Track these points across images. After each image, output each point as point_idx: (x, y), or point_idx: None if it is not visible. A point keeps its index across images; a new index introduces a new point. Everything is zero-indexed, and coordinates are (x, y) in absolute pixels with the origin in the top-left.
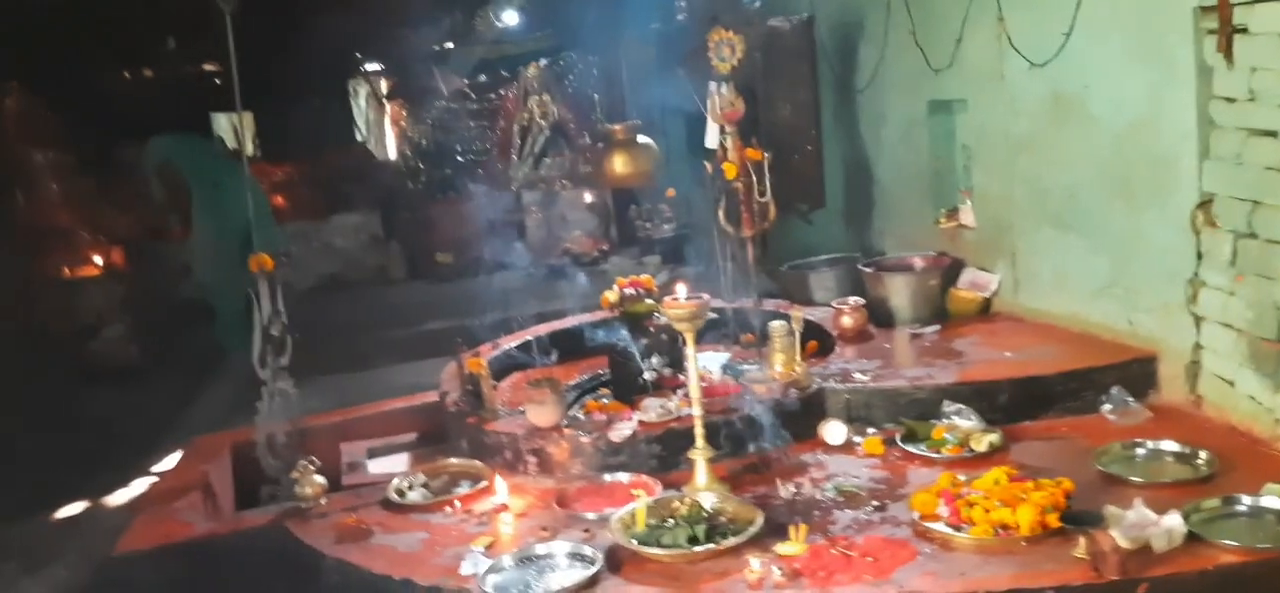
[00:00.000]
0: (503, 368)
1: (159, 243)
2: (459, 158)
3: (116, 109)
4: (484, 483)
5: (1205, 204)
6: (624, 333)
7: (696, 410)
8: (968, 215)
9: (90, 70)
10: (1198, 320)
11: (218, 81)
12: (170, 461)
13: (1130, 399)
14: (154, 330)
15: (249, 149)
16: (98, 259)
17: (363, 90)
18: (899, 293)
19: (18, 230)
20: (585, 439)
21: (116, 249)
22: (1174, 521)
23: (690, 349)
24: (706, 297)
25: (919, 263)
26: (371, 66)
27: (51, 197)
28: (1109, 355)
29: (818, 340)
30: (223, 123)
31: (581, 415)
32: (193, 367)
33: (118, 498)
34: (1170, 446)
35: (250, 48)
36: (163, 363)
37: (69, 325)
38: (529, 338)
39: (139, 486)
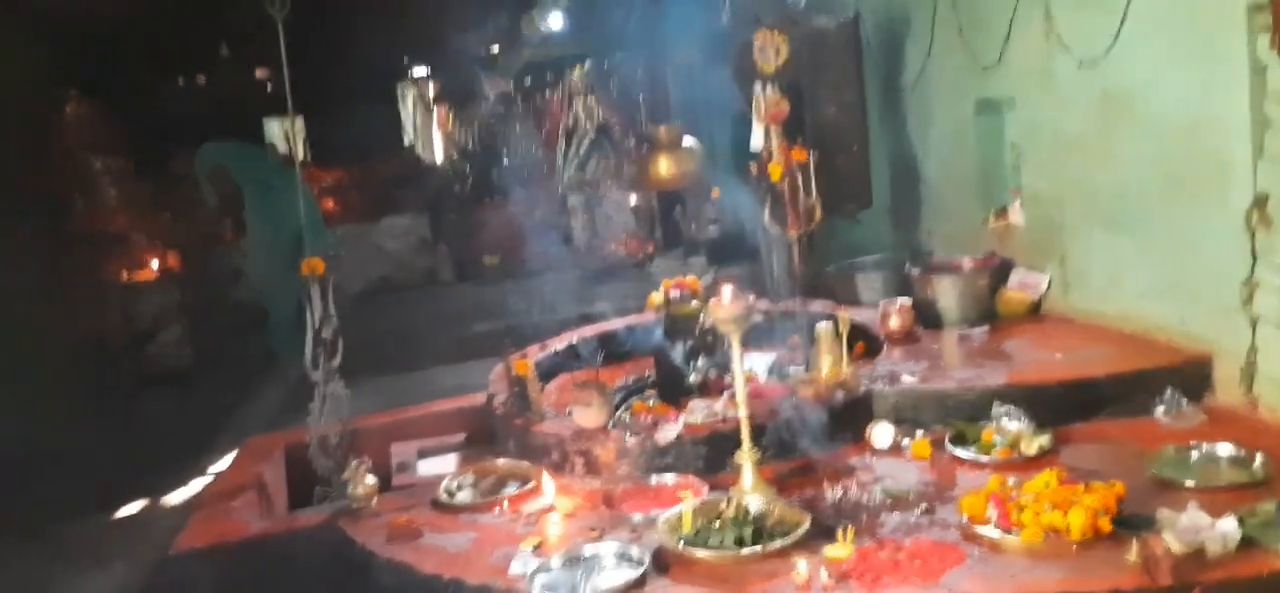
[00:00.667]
0: (549, 370)
1: (213, 248)
2: (505, 161)
3: (171, 116)
4: (532, 484)
5: (1260, 203)
6: (669, 335)
7: (743, 412)
8: (1017, 215)
9: (146, 78)
10: (1253, 321)
11: (269, 89)
12: (226, 461)
13: (1184, 402)
14: (209, 334)
15: (300, 154)
16: (154, 264)
17: (410, 95)
18: (947, 294)
19: (77, 236)
20: (631, 441)
21: (172, 254)
22: (1229, 525)
23: (736, 351)
24: (752, 298)
25: (967, 264)
26: (419, 71)
27: (109, 202)
28: (1162, 357)
29: (865, 342)
30: (274, 129)
31: (628, 417)
32: (247, 369)
33: (175, 498)
34: (1225, 449)
35: (300, 55)
36: (218, 365)
37: (127, 330)
38: (575, 340)
39: (196, 485)
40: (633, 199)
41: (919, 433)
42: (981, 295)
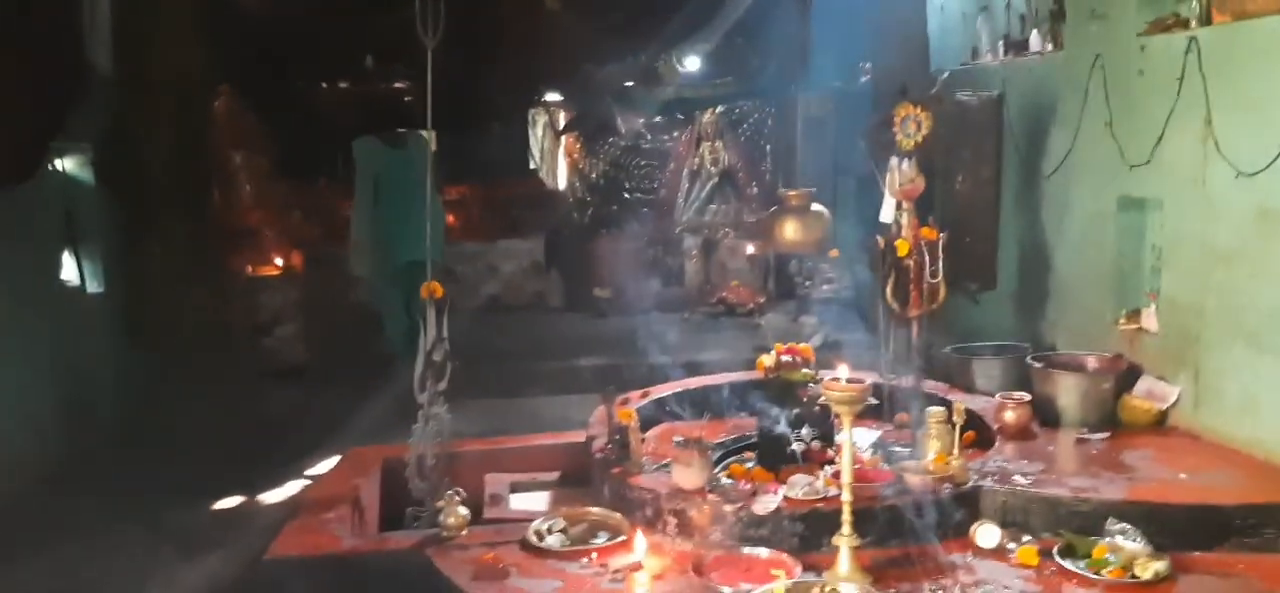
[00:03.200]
0: (650, 417)
1: (337, 248)
2: (626, 195)
3: (312, 119)
4: (622, 537)
5: None
6: (775, 400)
7: (846, 496)
8: (1151, 320)
9: (294, 81)
10: None
11: (408, 101)
12: (325, 466)
13: None
14: (324, 333)
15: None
16: (278, 261)
17: (541, 120)
18: (1068, 393)
19: (212, 227)
20: (728, 508)
21: (296, 252)
22: None
23: (846, 433)
24: (868, 381)
25: (1092, 363)
26: (552, 97)
27: (245, 198)
28: None
29: (976, 431)
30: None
31: (725, 479)
32: (357, 373)
33: (273, 496)
34: None
35: (441, 72)
36: (329, 366)
37: (246, 322)
38: (680, 390)
39: (294, 488)
40: (749, 248)
41: (1026, 539)
42: (1104, 399)
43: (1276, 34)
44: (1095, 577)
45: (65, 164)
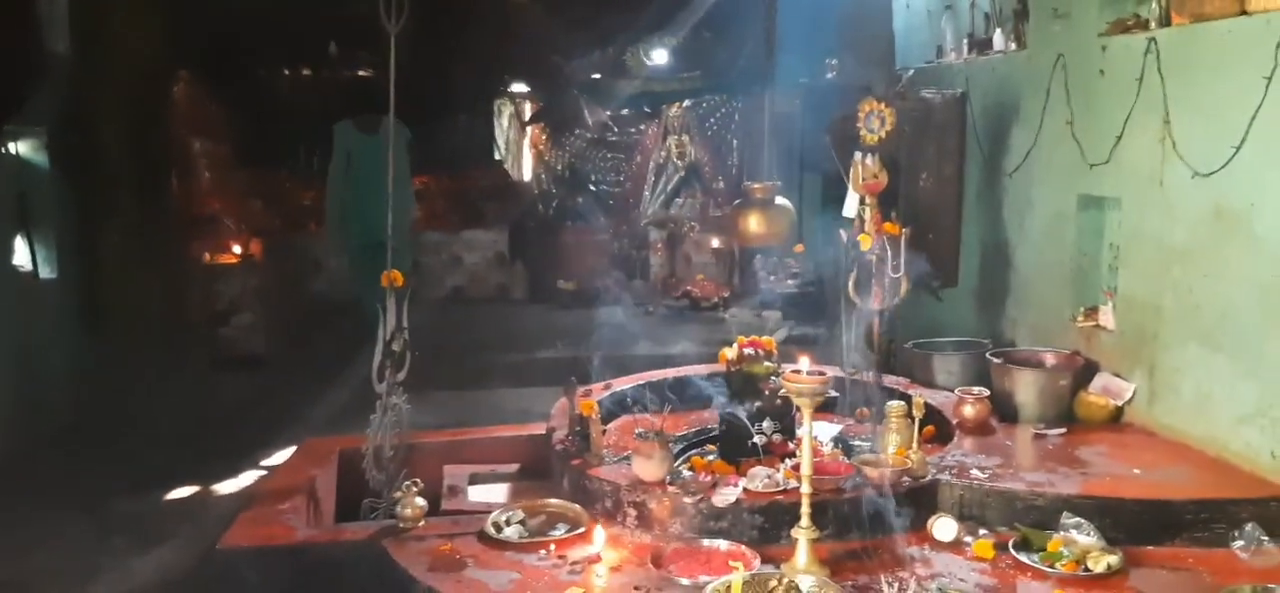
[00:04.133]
0: (611, 410)
1: (295, 238)
2: (592, 187)
3: (274, 107)
4: (581, 529)
5: None
6: (737, 393)
7: (805, 489)
8: (1108, 317)
9: (254, 68)
10: None
11: (372, 90)
12: (281, 456)
13: (1265, 538)
14: (283, 323)
15: (393, 159)
16: (236, 249)
17: (506, 110)
18: (1026, 388)
19: (169, 214)
20: (688, 500)
21: (255, 241)
22: None
23: (806, 425)
24: (829, 374)
25: (1050, 359)
26: (518, 88)
27: (203, 185)
28: (1247, 489)
29: (935, 426)
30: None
31: (686, 472)
32: (315, 363)
33: (228, 487)
34: None
35: (406, 60)
36: (287, 356)
37: (204, 311)
38: (641, 383)
39: (249, 478)
40: (714, 242)
41: (983, 532)
42: (1062, 395)
43: (1232, 36)
44: (1049, 570)
45: (19, 147)
